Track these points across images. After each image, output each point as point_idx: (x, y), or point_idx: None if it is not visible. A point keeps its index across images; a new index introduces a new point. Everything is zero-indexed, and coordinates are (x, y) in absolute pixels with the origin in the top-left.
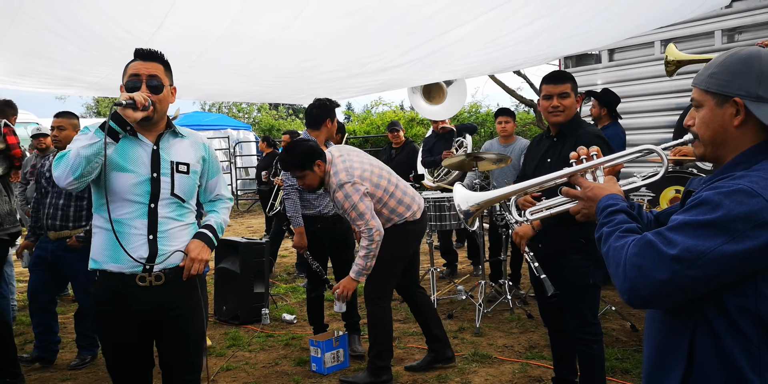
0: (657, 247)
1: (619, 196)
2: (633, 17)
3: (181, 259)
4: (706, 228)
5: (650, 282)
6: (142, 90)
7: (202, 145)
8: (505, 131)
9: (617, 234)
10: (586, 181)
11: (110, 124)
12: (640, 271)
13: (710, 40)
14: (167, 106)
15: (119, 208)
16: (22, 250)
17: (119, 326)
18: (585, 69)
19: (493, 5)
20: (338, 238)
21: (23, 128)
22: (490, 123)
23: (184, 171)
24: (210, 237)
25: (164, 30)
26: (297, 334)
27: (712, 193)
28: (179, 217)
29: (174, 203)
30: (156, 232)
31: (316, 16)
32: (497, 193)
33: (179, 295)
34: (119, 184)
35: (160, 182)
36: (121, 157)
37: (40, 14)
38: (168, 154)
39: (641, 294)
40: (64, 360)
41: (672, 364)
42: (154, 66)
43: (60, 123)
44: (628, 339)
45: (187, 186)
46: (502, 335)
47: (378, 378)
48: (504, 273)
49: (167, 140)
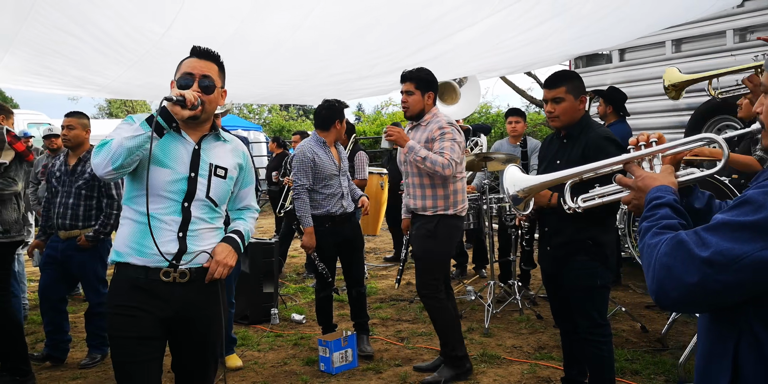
0: (688, 248)
1: (670, 188)
2: (644, 17)
3: (206, 260)
4: (746, 230)
5: (679, 284)
6: (193, 88)
7: (242, 152)
8: (516, 131)
9: (654, 230)
10: (639, 170)
11: (158, 118)
12: (669, 272)
13: (722, 39)
14: (215, 107)
15: (153, 203)
16: (33, 250)
17: (133, 322)
18: (596, 69)
19: (503, 6)
20: (348, 238)
21: (36, 129)
22: (500, 123)
23: (221, 175)
24: (238, 242)
25: (174, 31)
26: (306, 334)
27: (757, 192)
28: (210, 220)
29: (207, 206)
30: (186, 231)
31: (325, 17)
32: (549, 178)
33: (201, 297)
34: (156, 179)
35: (197, 183)
36: (162, 152)
37: (52, 13)
38: (208, 156)
39: (670, 296)
40: (74, 359)
41: (718, 372)
42: (208, 66)
43: (69, 122)
44: (638, 340)
45: (222, 190)
46: (511, 336)
47: (461, 368)
48: (513, 273)
49: (209, 142)
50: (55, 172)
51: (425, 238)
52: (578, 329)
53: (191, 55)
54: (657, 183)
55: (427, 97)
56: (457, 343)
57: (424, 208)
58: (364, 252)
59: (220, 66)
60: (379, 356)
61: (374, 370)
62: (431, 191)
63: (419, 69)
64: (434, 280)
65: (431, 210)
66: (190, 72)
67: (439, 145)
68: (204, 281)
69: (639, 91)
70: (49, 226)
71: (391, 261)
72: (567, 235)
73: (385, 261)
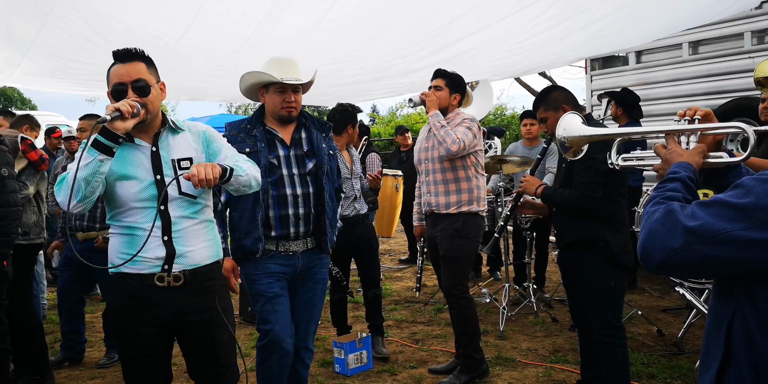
0: (677, 217)
1: (691, 166)
2: (660, 19)
3: (203, 259)
4: (732, 210)
5: (662, 247)
6: (129, 95)
7: (200, 133)
8: (530, 134)
9: (657, 199)
10: (672, 143)
11: (100, 140)
12: (654, 235)
13: (739, 41)
14: (158, 104)
15: (131, 215)
16: (53, 250)
17: (137, 332)
18: (612, 71)
19: (519, 7)
20: (362, 239)
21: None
22: (515, 125)
23: (187, 167)
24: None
25: (191, 33)
26: (320, 335)
27: (750, 178)
28: (193, 215)
29: (185, 202)
30: (170, 233)
31: (340, 19)
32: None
33: (199, 299)
34: (125, 193)
35: (165, 183)
36: (121, 165)
37: (70, 18)
38: (168, 153)
39: (654, 258)
40: (92, 358)
41: (714, 350)
42: (134, 67)
43: (83, 125)
44: (655, 344)
45: None
46: (526, 339)
47: (477, 371)
48: (528, 276)
49: (165, 138)
50: None
51: (453, 237)
52: (592, 331)
53: (114, 61)
54: (681, 159)
55: (453, 98)
56: (478, 345)
57: (448, 205)
58: (378, 254)
59: (147, 61)
60: (394, 358)
61: (389, 372)
62: (455, 186)
63: (453, 71)
64: (465, 280)
65: (455, 206)
66: (119, 81)
67: (454, 128)
68: (201, 283)
69: (656, 93)
70: (68, 228)
71: (406, 263)
72: (572, 234)
73: (400, 263)
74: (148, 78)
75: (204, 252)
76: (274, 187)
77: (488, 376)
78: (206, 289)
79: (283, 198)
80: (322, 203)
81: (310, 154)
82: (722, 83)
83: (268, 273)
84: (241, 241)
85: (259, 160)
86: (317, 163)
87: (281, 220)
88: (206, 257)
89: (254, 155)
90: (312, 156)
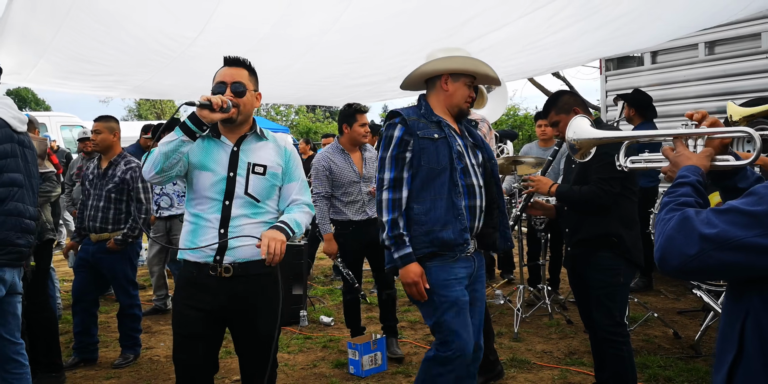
0: (693, 224)
1: (699, 169)
2: (676, 19)
3: (252, 255)
4: (746, 217)
5: (679, 254)
6: (226, 94)
7: (284, 149)
8: (545, 135)
9: (671, 206)
10: (680, 146)
11: (187, 122)
12: (671, 242)
13: (756, 42)
14: (251, 109)
15: (200, 204)
16: (68, 251)
17: (186, 313)
18: (627, 71)
19: (533, 8)
20: (374, 240)
21: (68, 130)
22: (528, 126)
23: (260, 172)
24: (283, 227)
25: (206, 34)
26: (335, 336)
27: (763, 186)
28: (253, 215)
29: (248, 202)
30: (227, 227)
31: (354, 20)
32: (607, 134)
33: (248, 289)
34: (200, 182)
35: (236, 181)
36: (204, 157)
37: (86, 21)
38: (247, 156)
39: (671, 263)
40: (108, 359)
41: (727, 349)
42: (239, 72)
43: (97, 127)
44: (671, 346)
45: (261, 187)
46: (541, 341)
47: (492, 372)
48: (543, 278)
49: (249, 142)
50: (88, 175)
51: None
52: (597, 328)
53: (224, 65)
54: (689, 162)
55: None
56: (492, 346)
57: None
58: None
59: (251, 71)
60: (408, 360)
61: (404, 373)
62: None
63: None
64: None
65: None
66: (222, 80)
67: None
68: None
69: (671, 93)
70: (83, 228)
71: None
72: (587, 231)
73: None
74: (247, 83)
75: (254, 249)
76: (461, 176)
77: (503, 377)
78: (256, 281)
79: (471, 188)
80: (494, 196)
81: (477, 147)
82: (738, 84)
83: (459, 278)
84: (436, 234)
85: (450, 145)
86: (486, 156)
87: (471, 212)
88: (256, 254)
89: (443, 141)
90: (477, 149)
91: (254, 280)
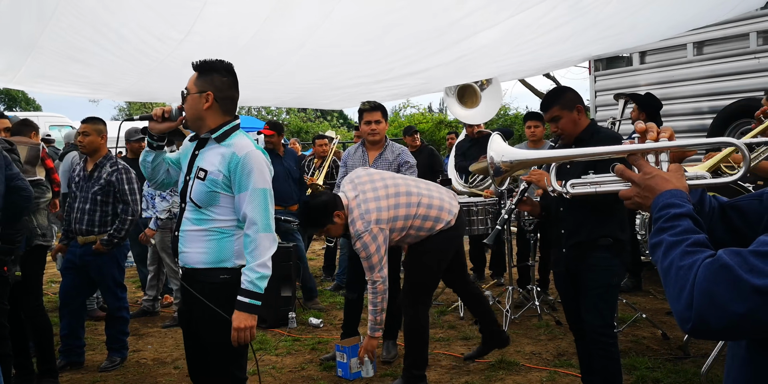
0: (736, 274)
1: (685, 194)
2: (665, 19)
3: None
4: None
5: (723, 314)
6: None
7: (230, 156)
8: (535, 136)
9: (684, 248)
10: (648, 166)
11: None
12: (711, 300)
13: (744, 42)
14: (196, 112)
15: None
16: (56, 253)
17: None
18: (616, 71)
19: (522, 8)
20: None
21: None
22: (518, 125)
23: (201, 177)
24: (247, 303)
25: (193, 35)
26: (323, 338)
27: None
28: (197, 222)
29: (193, 208)
30: (178, 231)
31: (342, 19)
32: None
33: (194, 297)
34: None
35: (188, 185)
36: (183, 160)
37: (71, 20)
38: (200, 160)
39: (711, 327)
40: (94, 362)
41: None
42: (192, 76)
43: (84, 129)
44: (659, 348)
45: (200, 192)
46: (530, 342)
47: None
48: (532, 279)
49: (209, 146)
50: (74, 177)
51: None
52: (587, 328)
53: None
54: (669, 186)
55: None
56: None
57: None
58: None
59: (200, 70)
60: (396, 362)
61: (392, 375)
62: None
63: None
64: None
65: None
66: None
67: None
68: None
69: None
70: (70, 231)
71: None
72: (587, 232)
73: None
74: (190, 86)
75: (197, 257)
76: None
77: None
78: (202, 289)
79: None
80: None
81: None
82: (727, 84)
83: None
84: None
85: None
86: None
87: None
88: (199, 261)
89: None
90: None
91: (201, 288)
